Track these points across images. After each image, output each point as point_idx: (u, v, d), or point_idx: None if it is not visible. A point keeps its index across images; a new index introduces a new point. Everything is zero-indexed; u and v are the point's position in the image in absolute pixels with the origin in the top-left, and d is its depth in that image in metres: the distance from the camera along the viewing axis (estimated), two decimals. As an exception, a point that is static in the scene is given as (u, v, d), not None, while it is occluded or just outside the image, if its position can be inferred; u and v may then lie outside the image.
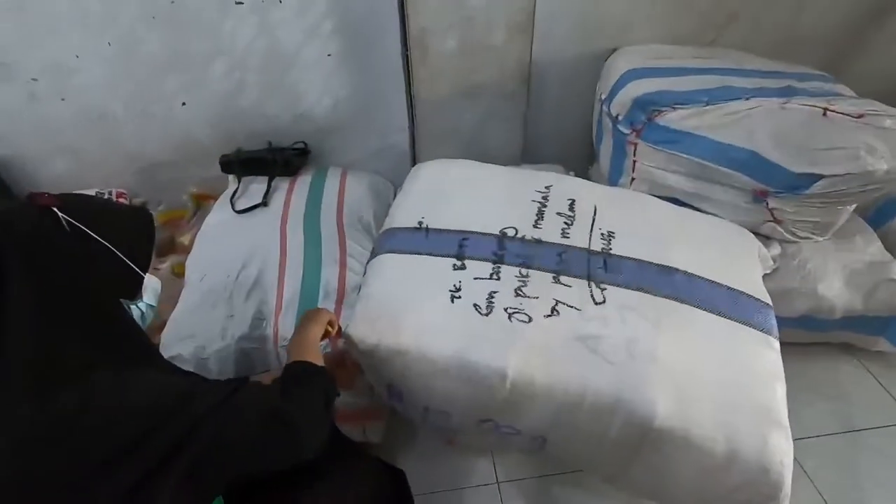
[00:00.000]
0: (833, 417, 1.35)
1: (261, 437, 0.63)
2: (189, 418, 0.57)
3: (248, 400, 0.65)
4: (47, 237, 0.61)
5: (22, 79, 1.54)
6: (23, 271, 0.58)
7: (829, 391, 1.41)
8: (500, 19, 1.47)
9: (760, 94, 1.33)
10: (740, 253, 1.12)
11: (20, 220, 0.61)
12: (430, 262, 1.01)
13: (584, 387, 0.87)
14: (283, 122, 1.75)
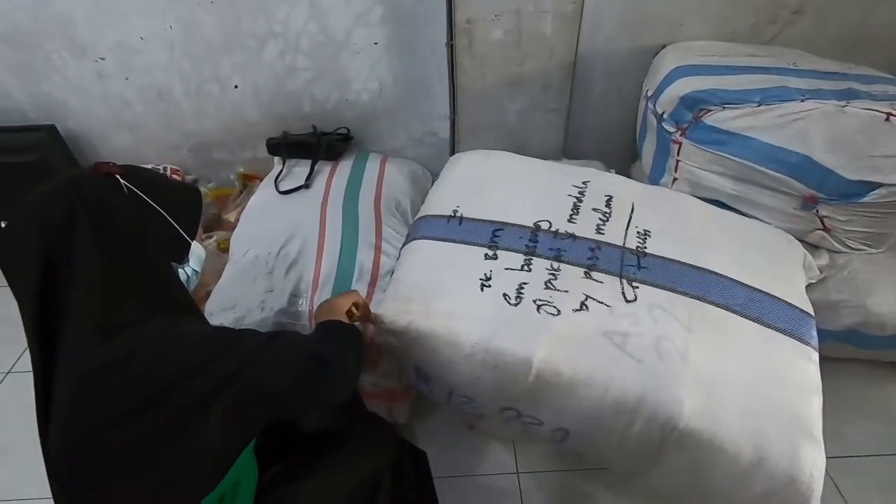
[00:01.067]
0: (875, 438, 1.29)
1: (301, 377, 0.68)
2: (238, 355, 0.62)
3: (290, 344, 0.70)
4: (110, 200, 0.68)
5: (91, 58, 1.64)
6: (89, 229, 0.64)
7: (873, 411, 1.34)
8: (548, 9, 1.46)
9: (818, 96, 1.27)
10: (784, 260, 1.08)
11: (87, 184, 0.68)
12: (462, 251, 1.03)
13: (608, 382, 0.87)
14: (328, 107, 1.80)
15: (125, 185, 0.69)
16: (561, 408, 0.91)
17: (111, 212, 0.67)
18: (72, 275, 0.63)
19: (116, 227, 0.66)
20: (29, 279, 0.62)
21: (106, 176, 0.68)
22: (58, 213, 0.64)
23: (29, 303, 0.62)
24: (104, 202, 0.67)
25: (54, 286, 0.62)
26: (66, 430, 0.59)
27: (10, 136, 1.69)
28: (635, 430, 0.87)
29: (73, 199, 0.65)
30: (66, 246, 0.63)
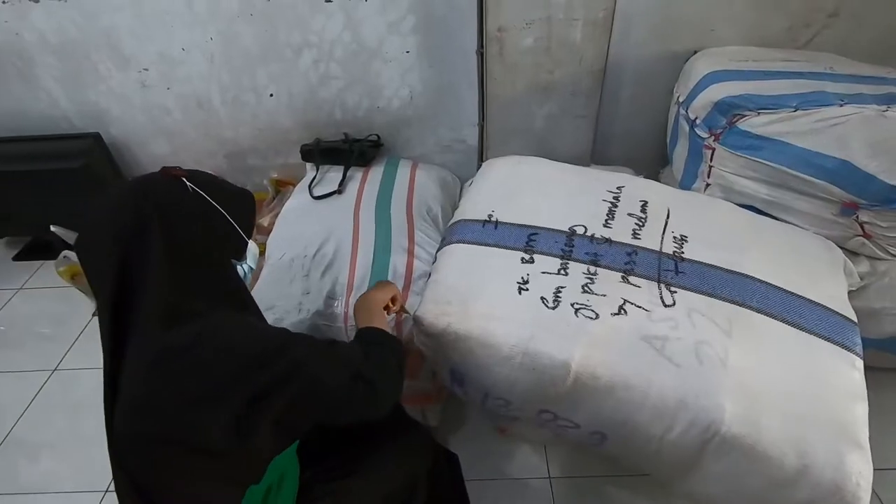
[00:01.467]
0: (919, 451, 1.25)
1: (347, 391, 0.69)
2: (290, 362, 0.64)
3: (339, 356, 0.72)
4: (177, 200, 0.72)
5: (135, 68, 1.71)
6: (159, 228, 0.68)
7: (916, 422, 1.30)
8: (579, 17, 1.47)
9: (857, 101, 1.25)
10: (824, 266, 1.06)
11: (157, 186, 0.72)
12: (498, 254, 1.04)
13: (647, 386, 0.87)
14: (359, 115, 1.84)
15: (190, 187, 0.73)
16: (598, 411, 0.91)
17: (179, 212, 0.71)
18: (144, 271, 0.66)
19: (183, 225, 0.71)
20: (106, 276, 0.66)
21: (173, 178, 0.73)
22: (131, 213, 0.68)
23: (105, 298, 0.66)
24: (172, 203, 0.71)
25: (129, 282, 0.66)
26: (131, 414, 0.63)
27: (57, 144, 1.77)
28: (675, 435, 0.87)
29: (144, 200, 0.69)
30: (139, 244, 0.67)
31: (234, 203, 0.79)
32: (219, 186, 0.79)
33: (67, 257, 1.61)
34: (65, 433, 1.44)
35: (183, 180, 0.73)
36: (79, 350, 1.67)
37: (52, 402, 1.52)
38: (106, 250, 0.67)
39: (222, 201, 0.76)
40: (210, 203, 0.74)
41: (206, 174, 0.79)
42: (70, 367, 1.62)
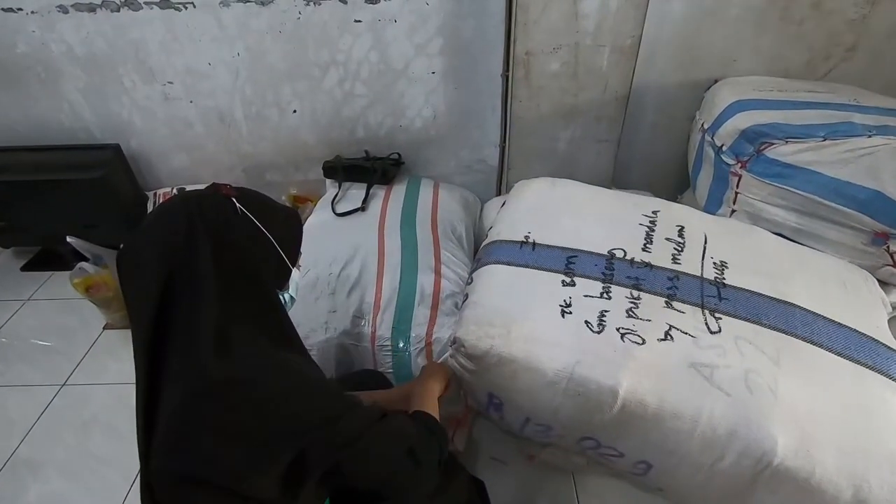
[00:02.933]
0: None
1: (394, 469, 0.67)
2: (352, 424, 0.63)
3: (397, 431, 0.70)
4: (228, 222, 0.69)
5: (160, 81, 1.71)
6: (209, 248, 0.65)
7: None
8: (605, 44, 1.50)
9: (885, 132, 1.27)
10: (863, 295, 1.06)
11: (207, 204, 0.69)
12: (538, 276, 1.03)
13: (697, 415, 0.85)
14: (381, 133, 1.85)
15: (240, 209, 0.70)
16: (645, 440, 0.89)
17: (228, 233, 0.68)
18: (190, 291, 0.63)
19: (232, 249, 0.68)
20: (149, 293, 0.63)
21: (224, 197, 0.70)
22: (180, 231, 0.65)
23: (145, 316, 0.63)
24: (222, 223, 0.68)
25: (173, 301, 0.63)
26: (170, 449, 0.59)
27: (78, 154, 1.76)
28: (725, 466, 0.85)
29: (195, 218, 0.66)
30: (187, 263, 0.64)
31: (281, 228, 0.75)
32: (268, 208, 0.75)
33: (83, 269, 1.58)
34: (74, 452, 1.38)
35: (233, 200, 0.69)
36: (88, 365, 1.62)
37: (61, 419, 1.47)
38: (153, 267, 0.64)
39: (270, 225, 0.72)
40: (258, 227, 0.71)
41: (256, 194, 0.76)
42: (79, 383, 1.57)
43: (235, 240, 0.68)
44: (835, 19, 1.56)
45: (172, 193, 1.86)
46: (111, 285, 1.61)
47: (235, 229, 0.69)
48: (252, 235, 0.71)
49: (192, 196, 0.70)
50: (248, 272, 0.68)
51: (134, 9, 1.55)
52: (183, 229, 0.65)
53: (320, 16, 1.56)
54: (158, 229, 0.67)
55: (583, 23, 1.44)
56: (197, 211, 0.67)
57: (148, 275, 0.64)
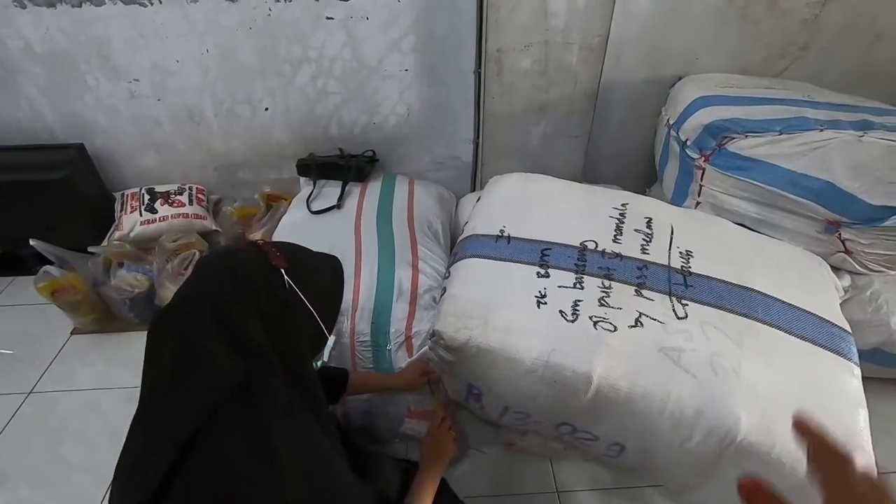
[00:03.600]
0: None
1: None
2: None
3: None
4: (278, 298, 0.63)
5: (125, 79, 1.67)
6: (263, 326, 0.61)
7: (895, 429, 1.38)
8: (575, 41, 1.53)
9: (835, 126, 1.35)
10: (818, 280, 1.13)
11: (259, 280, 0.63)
12: (513, 269, 1.06)
13: (666, 396, 0.89)
14: (355, 130, 1.84)
15: (288, 282, 0.65)
16: (618, 423, 0.93)
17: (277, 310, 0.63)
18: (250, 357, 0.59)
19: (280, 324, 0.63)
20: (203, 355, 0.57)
21: (273, 269, 0.64)
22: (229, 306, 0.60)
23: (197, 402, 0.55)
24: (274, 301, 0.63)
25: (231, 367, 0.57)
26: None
27: (40, 154, 1.70)
28: (693, 444, 0.89)
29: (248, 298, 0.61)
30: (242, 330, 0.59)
31: (324, 297, 0.70)
32: (312, 274, 0.70)
33: (48, 272, 1.53)
34: (44, 460, 1.35)
35: (282, 272, 0.64)
36: (56, 371, 1.58)
37: (29, 428, 1.43)
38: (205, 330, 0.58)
39: (314, 296, 0.67)
40: (303, 300, 0.66)
41: (301, 256, 0.71)
42: (47, 390, 1.52)
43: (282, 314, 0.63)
44: (789, 19, 1.64)
45: (140, 193, 1.81)
46: (79, 288, 1.57)
47: (282, 304, 0.64)
48: (297, 309, 0.66)
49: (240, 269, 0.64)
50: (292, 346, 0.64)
51: (96, 4, 1.50)
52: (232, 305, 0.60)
53: (292, 12, 1.55)
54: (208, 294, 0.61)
55: (552, 21, 1.47)
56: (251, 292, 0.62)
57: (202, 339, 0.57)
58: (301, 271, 0.66)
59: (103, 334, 1.68)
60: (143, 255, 1.71)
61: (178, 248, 1.69)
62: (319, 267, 0.74)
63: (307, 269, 0.69)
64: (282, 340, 0.61)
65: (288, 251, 0.67)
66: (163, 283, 1.59)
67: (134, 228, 1.73)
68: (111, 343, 1.66)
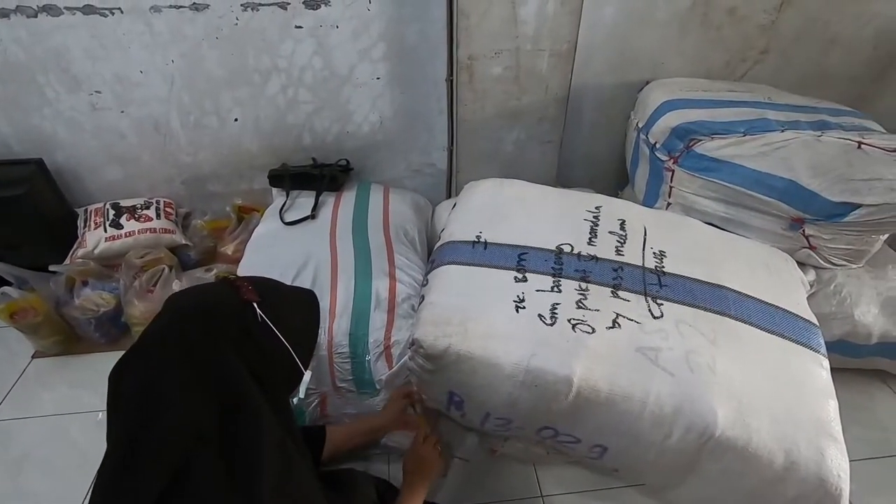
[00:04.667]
0: (867, 443, 1.37)
1: None
2: None
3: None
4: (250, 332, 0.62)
5: (86, 91, 1.61)
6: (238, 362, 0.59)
7: (862, 417, 1.43)
8: (544, 48, 1.56)
9: (795, 127, 1.40)
10: (785, 276, 1.16)
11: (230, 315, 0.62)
12: (491, 274, 1.06)
13: (645, 396, 0.90)
14: (328, 140, 1.83)
15: (260, 316, 0.63)
16: (599, 424, 0.94)
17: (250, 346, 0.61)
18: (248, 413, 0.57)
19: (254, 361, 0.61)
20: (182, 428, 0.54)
21: (245, 303, 0.63)
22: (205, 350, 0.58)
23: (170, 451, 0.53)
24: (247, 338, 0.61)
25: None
26: None
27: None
28: (673, 442, 0.90)
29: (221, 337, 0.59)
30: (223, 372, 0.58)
31: (298, 332, 0.69)
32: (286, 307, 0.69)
33: (7, 294, 1.46)
34: (7, 492, 1.28)
35: (254, 306, 0.63)
36: (17, 397, 1.50)
37: (-12, 459, 1.35)
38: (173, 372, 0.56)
39: (288, 330, 0.66)
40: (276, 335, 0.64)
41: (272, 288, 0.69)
42: (8, 417, 1.45)
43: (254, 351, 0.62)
44: (748, 24, 1.70)
45: (105, 209, 1.75)
46: (39, 310, 1.50)
47: (255, 340, 0.62)
48: (270, 344, 0.64)
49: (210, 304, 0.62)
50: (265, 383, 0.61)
51: (53, 14, 1.45)
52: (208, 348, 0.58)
53: (259, 21, 1.53)
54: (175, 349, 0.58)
55: (522, 28, 1.49)
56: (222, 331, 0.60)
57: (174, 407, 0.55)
58: (274, 305, 0.65)
59: (67, 356, 1.60)
60: (109, 272, 1.65)
61: (146, 263, 1.64)
62: (294, 301, 0.73)
63: (280, 303, 0.68)
64: (259, 376, 0.60)
65: (260, 285, 0.66)
66: (130, 300, 1.54)
67: (98, 245, 1.66)
68: (76, 365, 1.59)
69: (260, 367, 0.61)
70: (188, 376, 0.56)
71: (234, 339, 0.60)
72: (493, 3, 1.45)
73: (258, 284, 0.66)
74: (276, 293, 0.69)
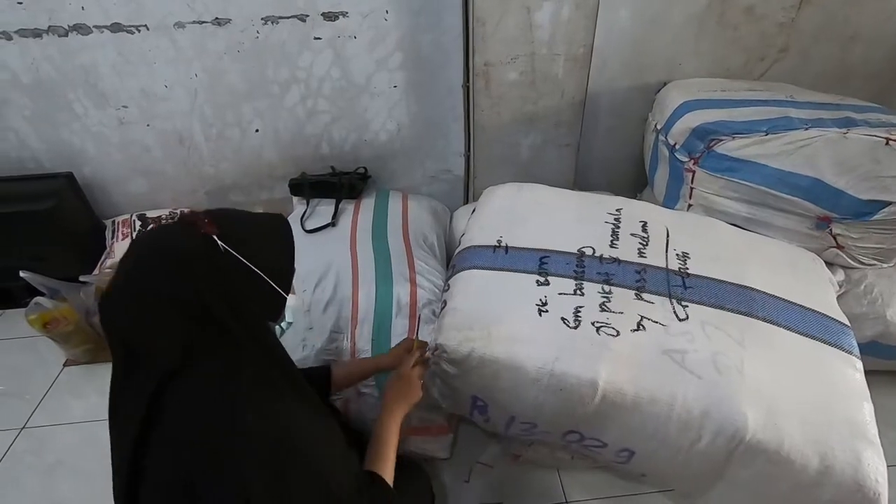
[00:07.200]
0: (903, 447, 1.33)
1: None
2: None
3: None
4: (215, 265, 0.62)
5: (114, 105, 1.66)
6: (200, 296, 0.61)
7: None
8: (560, 52, 1.56)
9: (819, 125, 1.37)
10: (813, 276, 1.14)
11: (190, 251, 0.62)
12: (513, 278, 1.06)
13: (672, 399, 0.89)
14: (346, 148, 1.85)
15: (222, 247, 0.63)
16: (626, 428, 0.92)
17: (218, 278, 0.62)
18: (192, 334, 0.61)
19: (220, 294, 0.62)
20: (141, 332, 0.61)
21: (205, 236, 0.63)
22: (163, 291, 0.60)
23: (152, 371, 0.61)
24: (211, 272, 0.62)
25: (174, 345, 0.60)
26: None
27: (28, 184, 1.68)
28: (702, 446, 0.89)
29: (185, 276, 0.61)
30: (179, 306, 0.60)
31: (269, 255, 0.68)
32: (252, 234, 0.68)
33: (40, 304, 1.51)
34: (39, 498, 1.31)
35: (214, 239, 0.62)
36: (50, 405, 1.54)
37: (23, 465, 1.39)
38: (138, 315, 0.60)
39: (258, 256, 0.65)
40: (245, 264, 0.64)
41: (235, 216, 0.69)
42: (40, 425, 1.49)
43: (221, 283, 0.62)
44: (766, 23, 1.68)
45: (131, 220, 1.79)
46: (71, 319, 1.54)
47: (220, 271, 0.63)
48: (238, 272, 0.64)
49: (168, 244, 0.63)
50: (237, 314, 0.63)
51: (83, 33, 1.51)
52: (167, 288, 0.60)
53: (279, 34, 1.56)
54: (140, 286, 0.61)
55: (537, 33, 1.50)
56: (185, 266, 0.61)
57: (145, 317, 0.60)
58: (237, 234, 0.65)
59: (97, 364, 1.64)
60: (136, 281, 1.69)
61: (172, 273, 1.67)
62: (258, 227, 0.71)
63: (244, 231, 0.67)
64: (230, 307, 0.62)
65: (219, 217, 0.66)
66: (157, 309, 1.57)
67: (126, 255, 1.70)
68: (105, 373, 1.59)
69: (233, 298, 0.62)
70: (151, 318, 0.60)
71: (196, 273, 0.61)
72: (509, 10, 1.46)
73: (217, 217, 0.66)
74: (238, 223, 0.68)
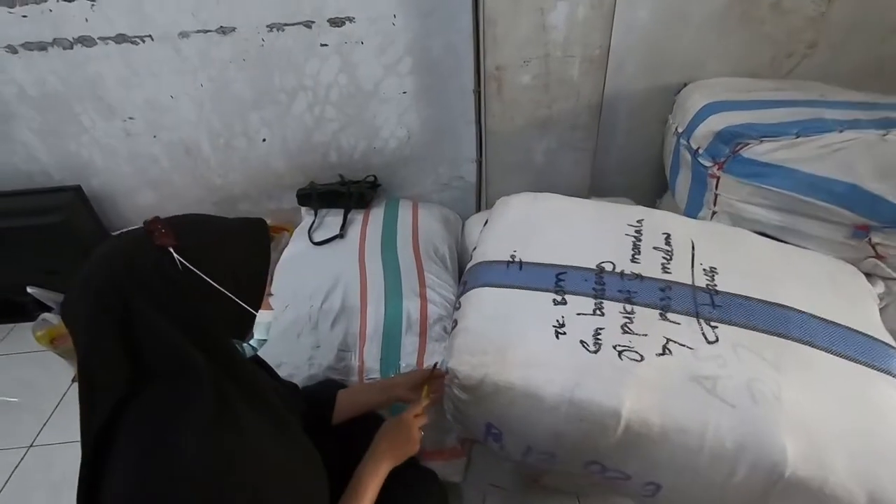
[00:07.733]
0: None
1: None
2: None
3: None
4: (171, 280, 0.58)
5: (120, 117, 1.64)
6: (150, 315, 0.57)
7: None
8: (575, 54, 1.50)
9: (855, 126, 1.28)
10: (853, 290, 1.06)
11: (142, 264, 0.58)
12: (528, 297, 1.00)
13: (703, 429, 0.82)
14: (355, 156, 1.81)
15: (179, 262, 0.58)
16: (652, 460, 0.86)
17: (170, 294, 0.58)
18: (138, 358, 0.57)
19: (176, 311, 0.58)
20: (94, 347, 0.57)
21: (160, 249, 0.58)
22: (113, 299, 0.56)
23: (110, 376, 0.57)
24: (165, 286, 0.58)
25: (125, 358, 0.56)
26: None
27: (36, 198, 1.68)
28: (737, 481, 0.82)
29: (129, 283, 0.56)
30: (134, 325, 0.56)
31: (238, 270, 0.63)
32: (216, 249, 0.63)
33: (47, 320, 1.49)
34: (46, 517, 1.29)
35: (170, 251, 0.58)
36: (58, 421, 1.53)
37: (31, 482, 1.37)
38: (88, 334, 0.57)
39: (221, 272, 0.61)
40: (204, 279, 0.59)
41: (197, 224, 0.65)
42: (48, 442, 1.47)
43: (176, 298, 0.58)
44: (794, 17, 1.59)
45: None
46: (79, 335, 1.52)
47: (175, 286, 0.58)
48: (197, 290, 0.59)
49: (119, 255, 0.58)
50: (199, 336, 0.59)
51: (88, 45, 1.49)
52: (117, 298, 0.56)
53: (284, 42, 1.53)
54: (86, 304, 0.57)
55: (551, 35, 1.44)
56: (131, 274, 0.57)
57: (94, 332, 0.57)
58: (196, 246, 0.60)
59: (106, 380, 1.63)
60: (145, 295, 1.67)
61: (180, 286, 1.65)
62: (223, 236, 0.65)
63: (206, 243, 0.62)
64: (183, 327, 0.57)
65: (179, 226, 0.60)
66: (164, 324, 1.54)
67: (134, 268, 1.69)
68: None
69: (188, 317, 0.58)
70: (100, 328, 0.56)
71: (150, 287, 0.57)
72: (521, 11, 1.40)
73: (176, 225, 0.60)
74: (199, 232, 0.63)
